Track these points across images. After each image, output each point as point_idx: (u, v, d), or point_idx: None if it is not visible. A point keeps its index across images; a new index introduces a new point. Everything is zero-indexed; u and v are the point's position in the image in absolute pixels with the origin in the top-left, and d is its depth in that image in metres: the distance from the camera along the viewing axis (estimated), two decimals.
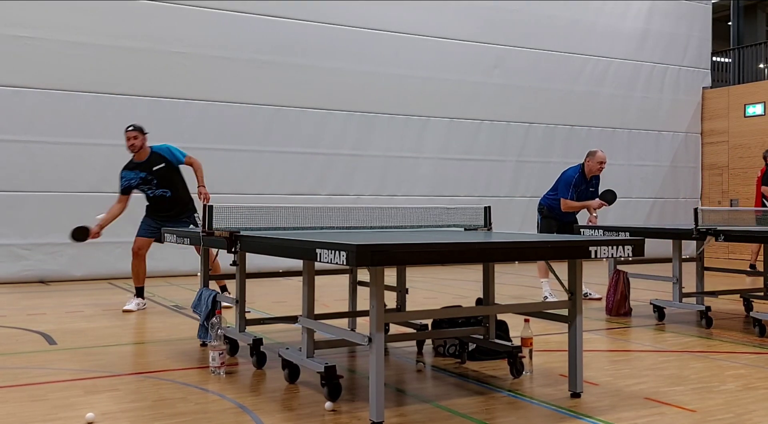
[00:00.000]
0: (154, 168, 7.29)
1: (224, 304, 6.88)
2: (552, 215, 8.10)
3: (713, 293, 7.22)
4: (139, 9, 11.02)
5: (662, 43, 15.90)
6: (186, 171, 7.46)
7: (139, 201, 7.54)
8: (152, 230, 7.33)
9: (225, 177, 11.45)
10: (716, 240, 6.16)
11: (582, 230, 7.03)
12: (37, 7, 10.33)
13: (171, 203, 7.34)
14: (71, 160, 10.51)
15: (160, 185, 7.29)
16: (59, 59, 10.46)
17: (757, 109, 15.59)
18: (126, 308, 7.22)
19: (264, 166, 11.86)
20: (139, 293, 7.42)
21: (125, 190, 7.36)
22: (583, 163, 8.03)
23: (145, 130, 7.39)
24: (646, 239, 4.03)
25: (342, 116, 12.55)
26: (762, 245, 9.37)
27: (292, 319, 4.76)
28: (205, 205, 4.62)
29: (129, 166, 7.39)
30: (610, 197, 7.93)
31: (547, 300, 7.49)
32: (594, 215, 8.02)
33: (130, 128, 7.35)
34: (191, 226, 7.19)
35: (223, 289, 7.24)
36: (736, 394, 4.04)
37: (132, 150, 7.30)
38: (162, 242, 6.87)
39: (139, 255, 7.45)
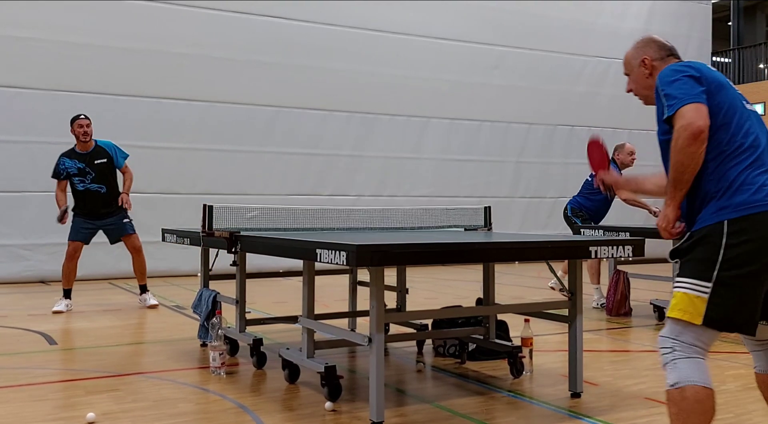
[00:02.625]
0: (96, 161, 7.27)
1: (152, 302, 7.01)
2: (590, 215, 7.90)
3: None
4: (139, 9, 11.02)
5: None
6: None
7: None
8: (87, 231, 7.39)
9: (225, 177, 11.47)
10: None
11: (582, 230, 7.04)
12: (37, 7, 10.33)
13: (105, 200, 7.32)
14: None
15: (97, 180, 7.27)
16: (59, 59, 10.46)
17: (757, 109, 15.60)
18: (55, 309, 7.23)
19: (264, 167, 11.86)
20: (68, 294, 7.42)
21: (65, 178, 7.32)
22: (612, 158, 7.80)
23: None
24: (646, 239, 4.03)
25: (342, 117, 12.55)
26: None
27: (293, 319, 4.77)
28: (205, 205, 4.62)
29: (69, 154, 7.35)
30: None
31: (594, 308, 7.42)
32: (656, 209, 7.82)
33: (82, 116, 7.32)
34: (124, 220, 7.38)
35: (144, 288, 7.51)
36: (736, 394, 4.04)
37: (84, 138, 7.25)
38: (88, 244, 7.35)
39: (74, 258, 7.43)
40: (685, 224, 2.70)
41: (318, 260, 3.44)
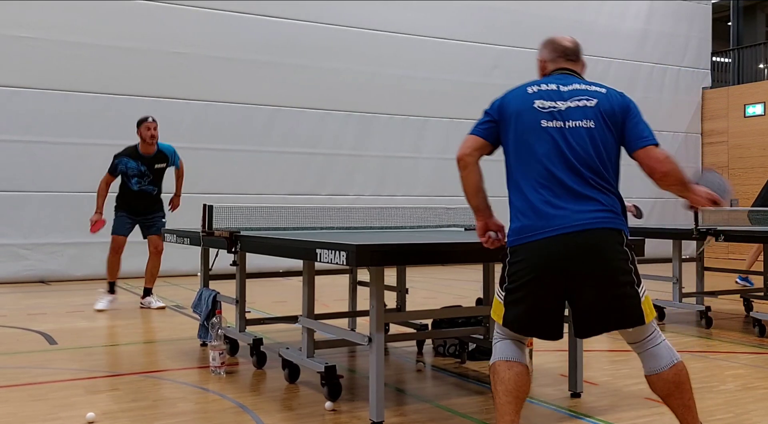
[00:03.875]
0: (156, 166, 7.27)
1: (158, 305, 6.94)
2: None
3: (713, 293, 7.22)
4: (139, 9, 11.02)
5: (662, 43, 15.90)
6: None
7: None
8: (129, 225, 7.42)
9: (225, 177, 11.46)
10: (716, 240, 6.16)
11: None
12: (37, 7, 10.33)
13: (153, 200, 7.38)
14: (71, 160, 10.51)
15: (152, 182, 7.31)
16: (59, 59, 10.46)
17: (757, 109, 15.59)
18: (97, 307, 7.17)
19: (264, 167, 11.86)
20: (112, 288, 7.40)
21: (117, 175, 7.30)
22: None
23: None
24: (646, 239, 4.03)
25: (341, 116, 12.55)
26: (761, 253, 9.34)
27: (292, 319, 4.77)
28: (205, 205, 4.62)
29: (132, 155, 7.25)
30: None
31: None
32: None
33: (150, 118, 7.26)
34: (163, 219, 7.44)
35: (148, 291, 7.48)
36: (736, 394, 4.04)
37: (151, 141, 7.19)
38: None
39: (119, 252, 7.43)
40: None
41: (318, 260, 3.44)
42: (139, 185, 7.27)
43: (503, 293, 2.89)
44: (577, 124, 2.84)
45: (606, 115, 2.89)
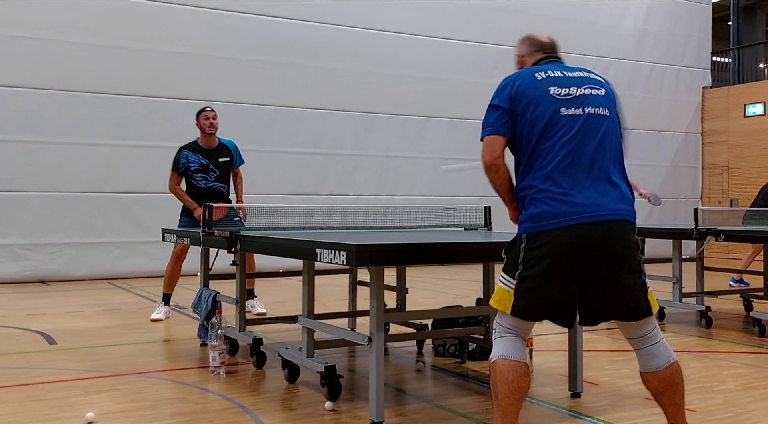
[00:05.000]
0: (220, 159, 6.69)
1: (259, 310, 6.75)
2: None
3: (713, 293, 7.22)
4: (139, 9, 11.02)
5: (662, 43, 15.90)
6: None
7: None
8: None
9: None
10: (716, 240, 6.16)
11: None
12: (37, 7, 10.33)
13: (224, 200, 6.64)
14: (71, 160, 10.51)
15: (219, 179, 6.66)
16: (59, 59, 10.45)
17: (757, 109, 15.59)
18: (154, 317, 6.66)
19: (264, 167, 11.84)
20: (167, 299, 6.83)
21: (183, 172, 6.63)
22: None
23: None
24: (646, 239, 4.02)
25: (342, 116, 12.55)
26: (756, 253, 9.33)
27: (292, 319, 4.77)
28: (205, 205, 4.62)
29: (192, 148, 6.65)
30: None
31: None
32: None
33: (209, 108, 6.74)
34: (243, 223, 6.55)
35: (251, 294, 6.87)
36: (736, 394, 4.04)
37: (211, 131, 6.62)
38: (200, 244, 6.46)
39: (180, 259, 6.82)
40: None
41: (318, 259, 3.44)
42: (206, 182, 6.62)
43: (514, 281, 2.83)
44: (596, 112, 2.89)
45: (613, 105, 2.98)
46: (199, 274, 5.77)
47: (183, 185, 6.73)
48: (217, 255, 6.24)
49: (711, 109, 16.46)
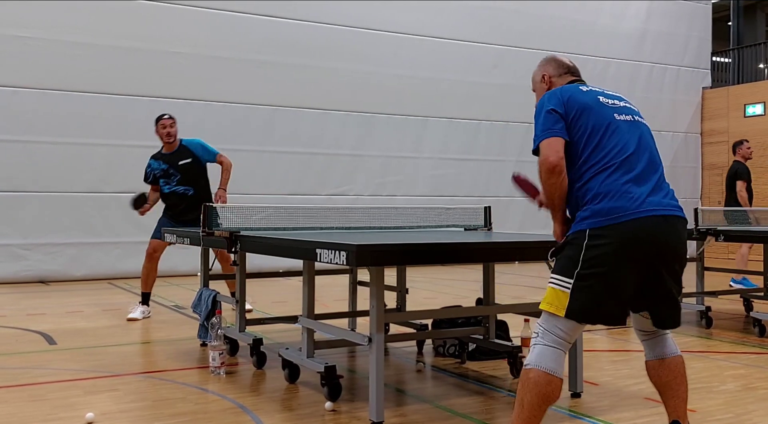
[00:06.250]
0: (180, 162, 6.79)
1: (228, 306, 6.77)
2: None
3: (713, 293, 7.21)
4: (139, 9, 11.02)
5: (662, 43, 15.90)
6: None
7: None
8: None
9: None
10: (716, 240, 6.16)
11: None
12: (37, 7, 10.33)
13: (191, 203, 6.65)
14: (71, 160, 10.51)
15: (183, 182, 6.78)
16: (59, 59, 10.46)
17: (757, 109, 15.59)
18: (131, 316, 6.73)
19: (264, 167, 11.86)
20: (145, 299, 6.90)
21: (153, 180, 6.88)
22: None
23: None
24: None
25: (341, 116, 12.55)
26: (749, 248, 9.33)
27: (292, 319, 4.76)
28: (205, 205, 4.62)
29: (156, 156, 6.90)
30: None
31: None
32: None
33: (166, 116, 6.87)
34: None
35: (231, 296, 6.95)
36: (736, 394, 4.04)
37: (168, 139, 6.77)
38: (172, 243, 6.65)
39: (153, 258, 6.92)
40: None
41: (318, 259, 3.44)
42: (169, 187, 6.80)
43: (572, 280, 2.75)
44: (642, 121, 3.00)
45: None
46: (199, 274, 5.77)
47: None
48: (217, 255, 6.25)
49: (711, 109, 16.46)
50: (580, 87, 3.04)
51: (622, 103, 3.01)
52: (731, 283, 9.47)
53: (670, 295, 2.87)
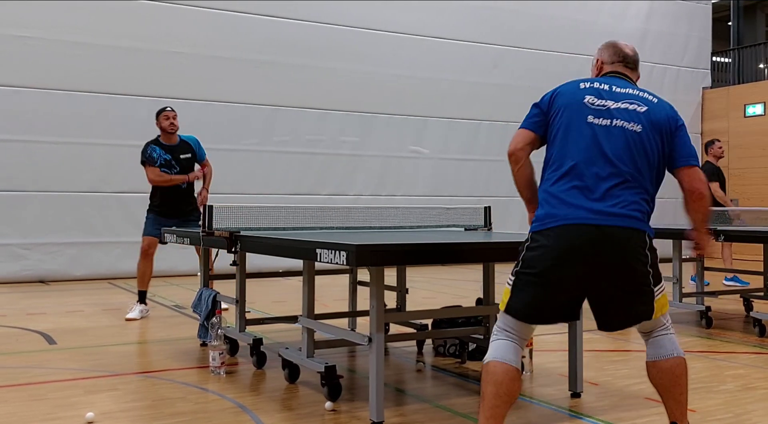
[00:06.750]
0: (182, 156, 6.89)
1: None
2: None
3: (713, 293, 7.22)
4: (139, 9, 11.02)
5: (662, 43, 15.90)
6: None
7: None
8: (162, 227, 6.82)
9: (225, 177, 11.42)
10: (716, 240, 6.16)
11: None
12: (37, 7, 10.33)
13: (185, 196, 6.90)
14: (71, 160, 10.51)
15: (180, 174, 6.88)
16: (59, 59, 10.45)
17: (757, 109, 15.59)
18: (129, 316, 6.72)
19: (263, 167, 11.86)
20: (142, 297, 6.90)
21: (157, 161, 6.79)
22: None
23: None
24: None
25: (341, 116, 12.55)
26: (728, 248, 9.35)
27: (292, 319, 4.77)
28: (204, 206, 4.62)
29: (157, 143, 6.88)
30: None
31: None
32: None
33: (169, 108, 6.95)
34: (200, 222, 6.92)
35: None
36: (736, 394, 4.04)
37: (171, 130, 6.84)
38: (165, 243, 6.78)
39: (148, 254, 6.88)
40: None
41: (318, 259, 3.44)
42: None
43: (512, 278, 2.90)
44: (624, 125, 2.90)
45: (655, 124, 2.94)
46: (199, 274, 5.77)
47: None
48: (217, 255, 6.26)
49: (711, 110, 16.46)
50: (583, 82, 3.04)
51: (617, 105, 2.93)
52: (724, 282, 9.51)
53: (606, 302, 2.89)
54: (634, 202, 2.84)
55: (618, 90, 3.01)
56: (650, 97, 3.03)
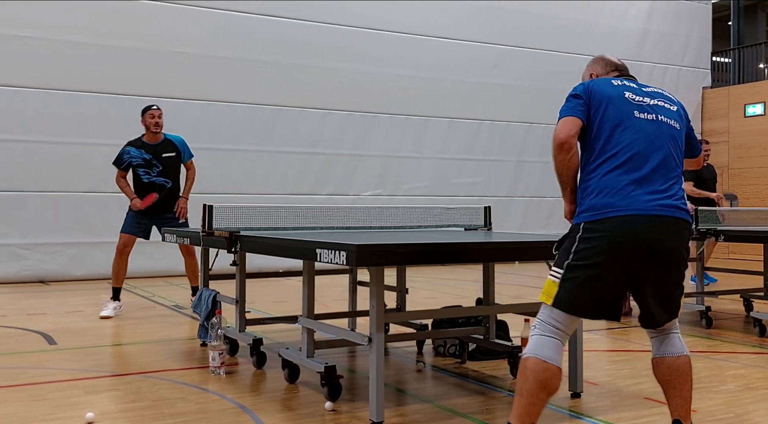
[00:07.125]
0: (164, 155, 6.98)
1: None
2: None
3: (713, 293, 7.21)
4: (139, 9, 11.02)
5: (662, 43, 15.90)
6: None
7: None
8: (140, 225, 6.99)
9: (225, 177, 11.45)
10: (716, 240, 6.16)
11: None
12: (37, 7, 10.33)
13: (168, 196, 6.98)
14: (71, 160, 10.51)
15: (163, 174, 6.97)
16: (59, 59, 10.46)
17: (757, 109, 15.59)
18: (103, 314, 6.71)
19: (264, 166, 11.86)
20: (116, 294, 6.95)
21: (126, 167, 6.99)
22: None
23: None
24: None
25: (342, 116, 12.55)
26: (712, 246, 9.33)
27: (292, 319, 4.76)
28: (205, 205, 4.62)
29: (135, 144, 7.01)
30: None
31: None
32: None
33: (155, 106, 7.07)
34: (180, 220, 7.02)
35: (195, 290, 7.09)
36: (736, 394, 4.04)
37: (155, 129, 6.96)
38: (148, 238, 6.90)
39: (124, 253, 6.96)
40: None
41: (318, 259, 3.44)
42: (149, 177, 6.93)
43: (562, 271, 2.84)
44: (667, 121, 3.00)
45: (683, 120, 3.09)
46: (199, 274, 5.77)
47: (131, 180, 7.10)
48: (217, 255, 6.26)
49: (711, 110, 16.46)
50: (613, 80, 3.07)
51: (653, 101, 3.02)
52: (691, 280, 9.44)
53: (659, 294, 2.90)
54: (683, 196, 2.95)
55: (645, 89, 3.08)
56: (672, 96, 3.15)
